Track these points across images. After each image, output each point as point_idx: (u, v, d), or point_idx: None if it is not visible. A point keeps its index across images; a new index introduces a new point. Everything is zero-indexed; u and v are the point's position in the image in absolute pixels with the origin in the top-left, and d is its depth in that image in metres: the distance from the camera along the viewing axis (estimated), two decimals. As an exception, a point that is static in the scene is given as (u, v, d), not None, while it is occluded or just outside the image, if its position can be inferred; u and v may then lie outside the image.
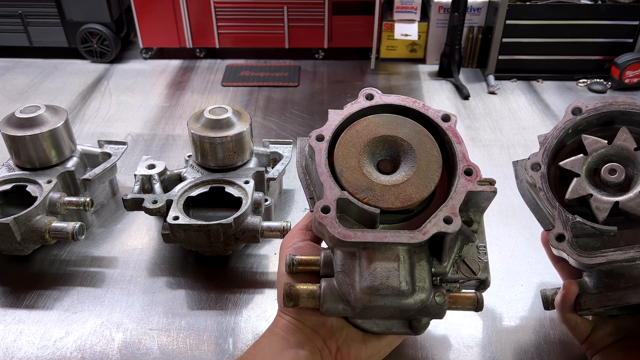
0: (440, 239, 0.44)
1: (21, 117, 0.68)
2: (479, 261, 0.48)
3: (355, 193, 0.45)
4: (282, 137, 0.96)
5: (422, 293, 0.44)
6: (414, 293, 0.44)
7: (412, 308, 0.44)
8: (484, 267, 0.48)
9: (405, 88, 1.16)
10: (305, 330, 0.47)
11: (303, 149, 0.52)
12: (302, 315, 0.48)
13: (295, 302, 0.46)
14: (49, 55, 1.29)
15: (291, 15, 1.23)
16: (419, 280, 0.44)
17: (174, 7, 1.22)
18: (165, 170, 0.72)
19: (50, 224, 0.63)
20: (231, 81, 1.18)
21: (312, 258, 0.49)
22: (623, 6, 1.10)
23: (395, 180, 0.46)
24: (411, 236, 0.43)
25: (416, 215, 0.47)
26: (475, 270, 0.47)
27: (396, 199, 0.45)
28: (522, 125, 1.00)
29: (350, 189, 0.45)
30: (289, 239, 0.53)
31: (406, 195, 0.45)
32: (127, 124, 1.01)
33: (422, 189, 0.46)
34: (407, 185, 0.46)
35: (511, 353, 0.56)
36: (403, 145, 0.48)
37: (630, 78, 1.11)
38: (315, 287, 0.46)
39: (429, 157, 0.47)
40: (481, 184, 0.46)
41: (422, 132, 0.48)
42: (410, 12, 1.21)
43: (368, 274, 0.43)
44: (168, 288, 0.65)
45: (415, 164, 0.47)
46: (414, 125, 0.49)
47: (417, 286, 0.44)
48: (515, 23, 1.12)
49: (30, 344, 0.57)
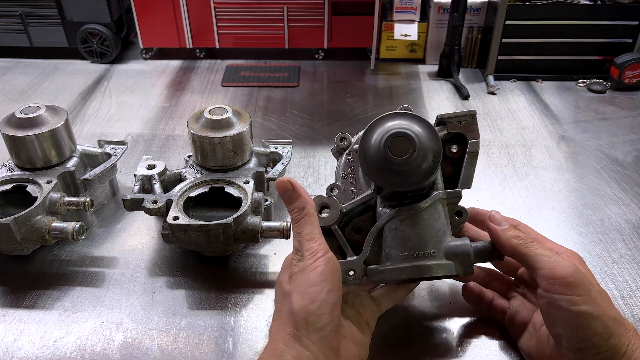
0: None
1: (21, 117, 0.68)
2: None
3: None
4: (282, 137, 0.97)
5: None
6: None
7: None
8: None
9: (405, 88, 1.16)
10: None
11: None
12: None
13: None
14: (49, 55, 1.29)
15: (291, 15, 1.24)
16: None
17: (174, 7, 1.22)
18: (165, 170, 0.72)
19: (50, 224, 0.63)
20: (231, 81, 1.18)
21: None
22: (623, 6, 1.10)
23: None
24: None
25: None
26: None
27: None
28: (521, 126, 1.00)
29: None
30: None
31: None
32: (127, 124, 1.01)
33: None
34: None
35: (511, 353, 0.57)
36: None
37: (629, 78, 1.11)
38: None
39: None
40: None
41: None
42: (410, 13, 1.21)
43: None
44: (168, 288, 0.65)
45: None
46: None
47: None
48: (514, 23, 1.12)
49: (30, 344, 0.57)
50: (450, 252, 0.48)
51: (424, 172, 0.46)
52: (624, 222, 0.75)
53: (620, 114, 1.04)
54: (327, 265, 0.47)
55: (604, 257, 0.68)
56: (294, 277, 0.47)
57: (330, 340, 0.46)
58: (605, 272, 0.66)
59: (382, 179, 0.47)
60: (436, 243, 0.48)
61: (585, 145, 0.94)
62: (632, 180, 0.84)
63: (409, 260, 0.48)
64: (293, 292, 0.46)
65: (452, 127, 0.52)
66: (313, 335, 0.45)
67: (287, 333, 0.45)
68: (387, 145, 0.45)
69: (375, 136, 0.47)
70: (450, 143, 0.53)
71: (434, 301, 0.62)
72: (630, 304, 0.61)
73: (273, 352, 0.45)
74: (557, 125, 1.00)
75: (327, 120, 1.03)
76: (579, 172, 0.86)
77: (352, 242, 0.53)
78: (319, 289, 0.46)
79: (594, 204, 0.78)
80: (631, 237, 0.72)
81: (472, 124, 0.52)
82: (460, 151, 0.52)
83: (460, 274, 0.49)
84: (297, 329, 0.45)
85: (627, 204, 0.78)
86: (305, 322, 0.45)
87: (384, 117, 0.48)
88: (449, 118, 0.52)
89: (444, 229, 0.50)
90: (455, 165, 0.52)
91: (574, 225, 0.74)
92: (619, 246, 0.70)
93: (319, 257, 0.47)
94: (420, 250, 0.48)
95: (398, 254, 0.48)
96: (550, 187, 0.82)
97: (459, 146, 0.52)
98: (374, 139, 0.47)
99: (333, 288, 0.47)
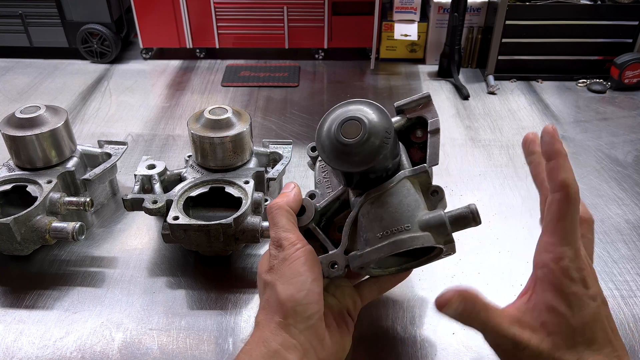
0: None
1: (21, 117, 0.68)
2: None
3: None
4: (282, 137, 0.97)
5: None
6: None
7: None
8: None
9: (405, 88, 1.16)
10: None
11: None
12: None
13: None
14: (49, 55, 1.29)
15: (291, 15, 1.24)
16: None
17: (174, 7, 1.22)
18: (165, 170, 0.72)
19: (50, 224, 0.63)
20: (231, 81, 1.18)
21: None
22: (623, 6, 1.10)
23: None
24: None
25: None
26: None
27: None
28: (521, 126, 1.00)
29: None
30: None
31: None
32: (127, 124, 1.01)
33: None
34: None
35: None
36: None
37: (629, 78, 1.11)
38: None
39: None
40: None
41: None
42: (410, 13, 1.21)
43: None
44: (168, 288, 0.65)
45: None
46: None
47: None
48: (514, 23, 1.12)
49: (30, 344, 0.57)
50: (424, 224, 0.49)
51: (376, 148, 0.47)
52: (624, 222, 0.75)
53: (620, 114, 1.04)
54: (308, 256, 0.48)
55: (604, 257, 0.68)
56: (276, 267, 0.48)
57: (317, 329, 0.46)
58: (605, 272, 0.66)
59: (341, 162, 0.48)
60: (409, 217, 0.49)
61: (585, 145, 0.94)
62: (632, 180, 0.84)
63: (385, 239, 0.48)
64: (277, 282, 0.47)
65: (410, 112, 0.54)
66: (300, 325, 0.45)
67: (274, 322, 0.45)
68: (339, 130, 0.48)
69: (327, 125, 0.49)
70: (414, 129, 0.54)
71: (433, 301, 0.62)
72: (630, 304, 0.61)
73: (259, 339, 0.45)
74: (557, 125, 1.00)
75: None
76: (579, 172, 0.86)
77: (335, 242, 0.53)
78: (303, 278, 0.46)
79: (594, 204, 0.78)
80: (631, 237, 0.72)
81: (428, 105, 0.53)
82: (424, 135, 0.54)
83: (441, 244, 0.49)
84: (285, 318, 0.45)
85: (627, 204, 0.78)
86: (294, 312, 0.45)
87: (334, 108, 0.51)
88: (405, 104, 0.54)
89: (416, 204, 0.50)
90: (424, 149, 0.53)
91: (574, 225, 0.74)
92: (619, 246, 0.70)
93: (299, 248, 0.48)
94: (394, 226, 0.48)
95: (374, 236, 0.49)
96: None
97: (423, 131, 0.54)
98: (326, 128, 0.49)
99: (316, 278, 0.47)
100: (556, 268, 0.42)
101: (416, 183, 0.51)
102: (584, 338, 0.41)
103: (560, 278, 0.42)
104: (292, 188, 0.53)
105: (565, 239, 0.43)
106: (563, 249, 0.42)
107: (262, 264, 0.51)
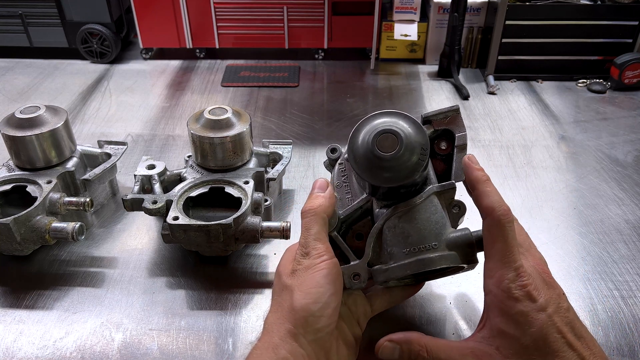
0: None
1: (21, 117, 0.68)
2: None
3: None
4: (282, 137, 0.97)
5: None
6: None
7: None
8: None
9: (405, 88, 1.16)
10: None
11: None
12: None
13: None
14: (49, 55, 1.29)
15: (291, 15, 1.24)
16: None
17: (174, 7, 1.22)
18: (165, 170, 0.72)
19: (50, 224, 0.63)
20: (231, 81, 1.18)
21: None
22: (623, 6, 1.10)
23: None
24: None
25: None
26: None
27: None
28: (521, 126, 1.00)
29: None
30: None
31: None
32: (127, 124, 1.01)
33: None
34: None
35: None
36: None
37: (629, 78, 1.11)
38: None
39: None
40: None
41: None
42: (410, 13, 1.21)
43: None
44: (168, 288, 0.65)
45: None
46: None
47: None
48: (514, 23, 1.12)
49: (30, 344, 0.57)
50: (451, 243, 0.49)
51: (413, 165, 0.46)
52: (624, 222, 0.75)
53: (620, 114, 1.04)
54: (332, 269, 0.47)
55: (604, 257, 0.68)
56: (298, 273, 0.47)
57: (325, 342, 0.46)
58: (605, 272, 0.66)
59: (374, 176, 0.47)
60: (436, 235, 0.49)
61: (585, 145, 0.94)
62: (632, 180, 0.84)
63: (412, 256, 0.48)
64: (295, 288, 0.46)
65: (438, 124, 0.53)
66: (310, 335, 0.45)
67: (284, 328, 0.45)
68: (374, 142, 0.47)
69: (362, 136, 0.48)
70: (439, 141, 0.54)
71: (434, 302, 0.62)
72: (630, 304, 0.61)
73: (268, 345, 0.45)
74: (557, 125, 1.00)
75: (327, 120, 1.03)
76: (579, 172, 0.86)
77: (353, 249, 0.53)
78: (323, 290, 0.46)
79: (594, 204, 0.78)
80: (631, 237, 0.72)
81: (457, 118, 0.53)
82: (449, 147, 0.53)
83: (465, 264, 0.49)
84: (295, 326, 0.45)
85: (627, 204, 0.78)
86: (305, 322, 0.45)
87: (369, 118, 0.49)
88: (433, 115, 0.53)
89: (443, 221, 0.50)
90: (446, 162, 0.53)
91: (574, 225, 0.74)
92: (619, 246, 0.70)
93: (326, 260, 0.48)
94: (422, 244, 0.48)
95: (400, 251, 0.49)
96: (550, 187, 0.82)
97: (447, 143, 0.53)
98: (361, 139, 0.48)
99: (335, 292, 0.47)
100: (499, 292, 0.44)
101: (442, 198, 0.51)
102: (540, 352, 0.42)
103: (505, 301, 0.43)
104: (328, 191, 0.52)
105: (502, 261, 0.44)
106: (502, 271, 0.44)
107: (285, 265, 0.50)
